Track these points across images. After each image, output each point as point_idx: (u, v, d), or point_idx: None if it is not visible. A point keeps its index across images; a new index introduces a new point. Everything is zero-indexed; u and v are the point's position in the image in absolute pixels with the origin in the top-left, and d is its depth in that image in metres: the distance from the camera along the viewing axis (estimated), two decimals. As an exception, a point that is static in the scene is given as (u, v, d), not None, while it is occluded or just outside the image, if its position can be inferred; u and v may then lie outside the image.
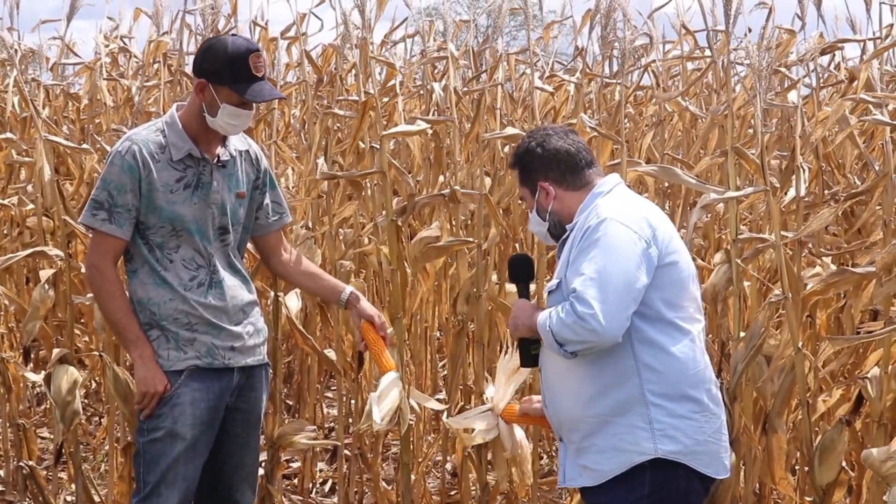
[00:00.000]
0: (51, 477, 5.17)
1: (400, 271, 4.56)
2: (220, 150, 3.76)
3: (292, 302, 4.77)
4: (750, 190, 4.20)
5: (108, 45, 7.46)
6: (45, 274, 4.84)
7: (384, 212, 4.55)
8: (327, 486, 5.75)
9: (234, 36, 3.81)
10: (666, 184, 6.04)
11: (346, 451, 5.39)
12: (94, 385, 6.67)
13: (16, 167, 6.35)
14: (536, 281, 4.30)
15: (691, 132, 6.77)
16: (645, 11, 6.23)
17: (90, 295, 4.37)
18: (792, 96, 5.22)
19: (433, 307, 5.83)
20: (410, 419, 4.24)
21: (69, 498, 5.22)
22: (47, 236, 5.39)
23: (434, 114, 6.06)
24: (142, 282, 3.70)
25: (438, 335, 6.47)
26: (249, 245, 4.03)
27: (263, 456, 4.51)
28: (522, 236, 5.67)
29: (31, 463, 5.01)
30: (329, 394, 6.82)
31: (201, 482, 3.78)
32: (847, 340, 4.18)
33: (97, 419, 6.48)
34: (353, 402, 5.43)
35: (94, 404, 6.61)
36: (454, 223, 4.99)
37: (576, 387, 3.28)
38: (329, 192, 5.39)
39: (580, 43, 6.92)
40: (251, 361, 3.83)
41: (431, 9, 12.70)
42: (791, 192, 4.52)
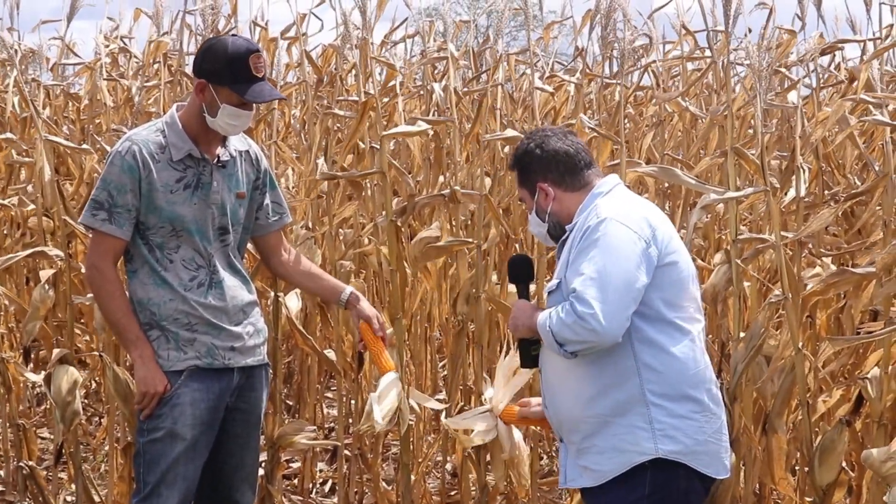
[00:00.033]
0: (51, 477, 5.16)
1: (399, 272, 4.55)
2: (220, 151, 3.76)
3: (292, 302, 4.77)
4: (750, 190, 4.20)
5: (109, 46, 7.46)
6: (45, 274, 4.84)
7: (384, 212, 4.55)
8: (327, 487, 5.74)
9: (235, 36, 3.81)
10: (666, 184, 6.04)
11: (346, 452, 5.38)
12: (94, 385, 6.66)
13: (16, 167, 6.35)
14: (536, 281, 4.30)
15: (691, 132, 6.77)
16: (645, 12, 6.24)
17: (90, 295, 4.37)
18: (792, 97, 5.22)
19: (434, 307, 5.82)
20: (410, 419, 4.24)
21: (69, 498, 5.22)
22: (47, 236, 5.39)
23: (434, 114, 6.06)
24: (142, 282, 3.70)
25: (438, 335, 6.47)
26: (249, 245, 4.03)
27: (263, 456, 4.50)
28: (522, 237, 5.67)
29: (31, 463, 5.01)
30: (329, 394, 6.82)
31: (201, 482, 3.78)
32: (847, 341, 4.17)
33: (97, 419, 6.48)
34: (353, 403, 5.42)
35: (94, 404, 6.60)
36: (454, 223, 4.99)
37: (576, 387, 3.28)
38: (329, 193, 5.39)
39: (580, 43, 6.93)
40: (251, 362, 3.83)
41: (431, 9, 12.71)
42: (791, 193, 4.52)
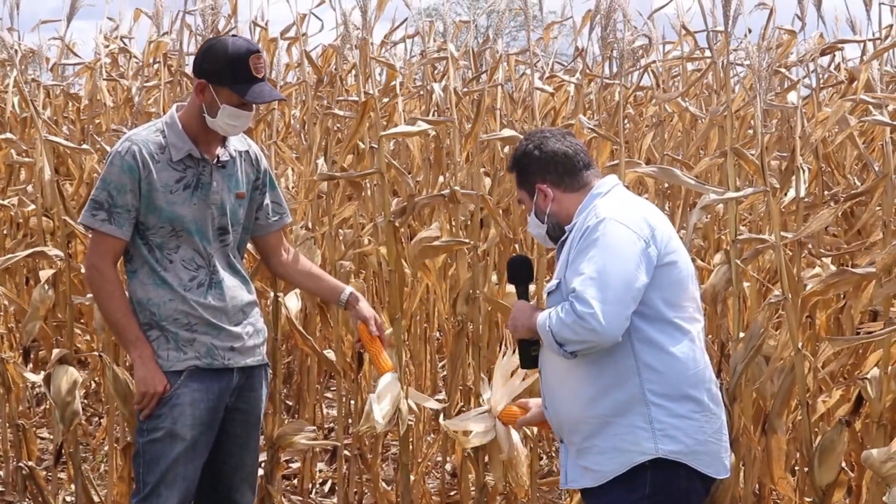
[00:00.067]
0: (50, 477, 5.16)
1: (398, 272, 4.55)
2: (220, 151, 3.76)
3: (292, 302, 4.77)
4: (749, 191, 4.20)
5: (108, 46, 7.46)
6: (45, 274, 4.84)
7: (383, 212, 4.55)
8: (327, 487, 5.74)
9: (235, 37, 3.81)
10: (666, 184, 6.04)
11: (346, 452, 5.38)
12: (94, 385, 6.67)
13: (16, 167, 6.35)
14: (536, 282, 4.30)
15: (691, 133, 6.77)
16: (645, 12, 6.24)
17: (90, 295, 4.37)
18: (792, 97, 5.23)
19: (434, 306, 5.82)
20: (410, 419, 4.24)
21: (69, 498, 5.22)
22: (47, 237, 5.40)
23: (434, 114, 6.06)
24: (141, 282, 3.70)
25: (438, 336, 6.47)
26: (249, 245, 4.03)
27: (263, 456, 4.51)
28: (522, 237, 5.67)
29: (31, 463, 5.01)
30: (329, 394, 6.82)
31: (201, 482, 3.78)
32: (847, 341, 4.17)
33: (97, 419, 6.48)
34: (353, 403, 5.42)
35: (94, 404, 6.60)
36: (454, 224, 4.99)
37: (576, 388, 3.28)
38: (329, 193, 5.39)
39: (580, 43, 6.94)
40: (251, 362, 3.83)
41: (431, 9, 12.70)
42: (791, 193, 4.52)
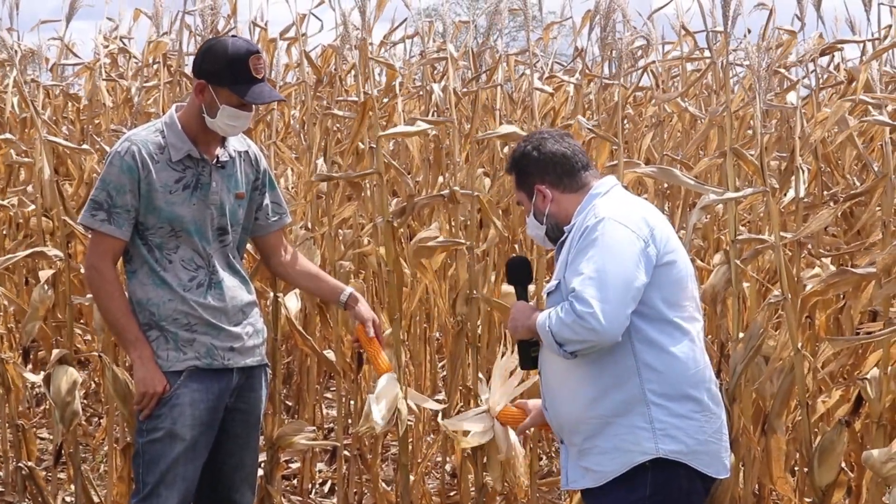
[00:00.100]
0: (50, 477, 5.16)
1: (396, 272, 4.55)
2: (220, 151, 3.77)
3: (292, 303, 4.77)
4: (749, 191, 4.20)
5: (108, 46, 7.46)
6: (45, 274, 4.83)
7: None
8: (326, 487, 5.74)
9: (234, 37, 3.82)
10: (665, 185, 6.04)
11: (346, 452, 5.38)
12: (94, 385, 6.66)
13: (15, 168, 6.35)
14: (535, 282, 4.30)
15: (690, 133, 6.77)
16: (644, 12, 6.24)
17: (89, 295, 4.37)
18: (791, 97, 5.22)
19: (434, 306, 5.82)
20: (409, 420, 4.24)
21: (68, 499, 5.22)
22: (47, 237, 5.39)
23: (433, 115, 6.06)
24: (141, 282, 3.70)
25: (438, 336, 6.47)
26: (249, 245, 4.04)
27: (263, 456, 4.51)
28: (521, 237, 5.67)
29: (31, 464, 5.00)
30: (328, 394, 6.82)
31: (201, 483, 3.78)
32: (846, 341, 4.17)
33: (97, 420, 6.48)
34: (353, 403, 5.42)
35: (94, 405, 6.60)
36: (453, 224, 4.99)
37: (576, 388, 3.28)
38: (328, 193, 5.39)
39: (580, 44, 6.94)
40: (250, 362, 3.83)
41: (431, 10, 12.68)
42: (790, 193, 4.51)
